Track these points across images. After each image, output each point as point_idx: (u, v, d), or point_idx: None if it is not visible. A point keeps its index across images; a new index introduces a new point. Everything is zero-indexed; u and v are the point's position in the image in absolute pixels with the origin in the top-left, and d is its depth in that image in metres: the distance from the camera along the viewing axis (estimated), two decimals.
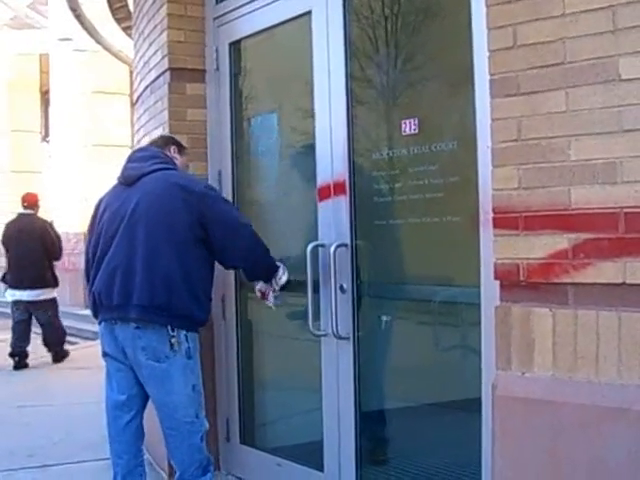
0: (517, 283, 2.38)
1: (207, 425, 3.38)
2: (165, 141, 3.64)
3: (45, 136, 15.97)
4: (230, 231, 3.27)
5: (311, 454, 3.52)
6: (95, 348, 8.20)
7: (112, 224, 3.29)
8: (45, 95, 15.76)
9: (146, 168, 3.33)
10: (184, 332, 3.20)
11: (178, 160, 3.56)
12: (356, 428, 3.27)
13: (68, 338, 8.98)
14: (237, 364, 4.03)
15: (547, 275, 2.31)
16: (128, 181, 3.36)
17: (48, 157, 15.05)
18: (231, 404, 4.06)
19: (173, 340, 3.17)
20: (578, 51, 2.22)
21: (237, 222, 3.30)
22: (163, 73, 4.18)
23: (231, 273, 3.97)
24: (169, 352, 3.17)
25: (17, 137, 15.53)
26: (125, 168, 3.44)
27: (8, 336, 8.41)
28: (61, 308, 8.73)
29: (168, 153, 3.53)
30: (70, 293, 12.02)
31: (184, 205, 3.19)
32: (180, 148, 3.63)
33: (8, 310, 11.88)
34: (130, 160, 3.47)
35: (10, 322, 8.46)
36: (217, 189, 3.52)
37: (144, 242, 3.18)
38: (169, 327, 3.16)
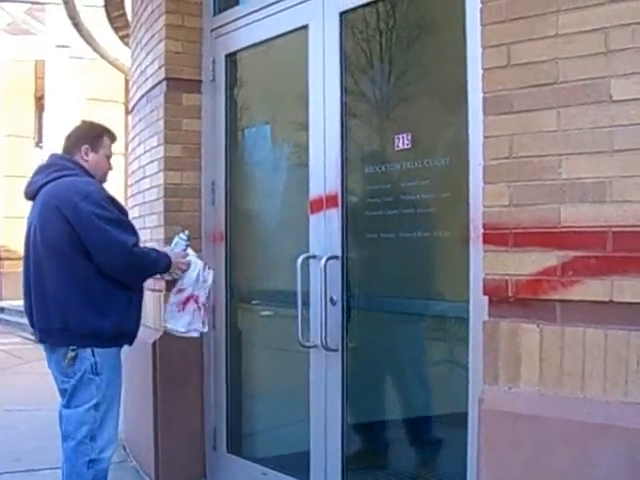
0: (505, 299, 2.40)
1: (107, 456, 3.11)
2: (75, 140, 3.34)
3: (38, 141, 15.95)
4: (100, 247, 3.03)
5: (297, 464, 3.53)
6: None
7: (25, 241, 3.25)
8: (40, 101, 15.76)
9: (41, 180, 3.20)
10: (90, 348, 3.07)
11: (89, 161, 3.29)
12: (342, 440, 3.28)
13: None
14: (226, 373, 4.04)
15: (535, 291, 2.33)
16: (28, 197, 3.28)
17: (41, 162, 15.01)
18: (219, 412, 4.06)
19: (70, 355, 3.03)
20: (570, 71, 2.25)
21: (107, 238, 3.03)
22: (159, 83, 4.21)
23: (221, 282, 3.99)
24: (75, 368, 3.06)
25: (11, 142, 15.48)
26: (27, 183, 3.32)
27: (6, 340, 8.45)
28: None
29: (76, 156, 3.29)
30: None
31: (60, 218, 3.03)
32: (94, 144, 3.32)
33: (7, 317, 11.88)
34: (33, 173, 3.33)
35: (7, 328, 8.55)
36: (99, 200, 3.09)
37: (34, 264, 3.14)
38: (70, 345, 3.04)
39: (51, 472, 4.33)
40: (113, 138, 3.46)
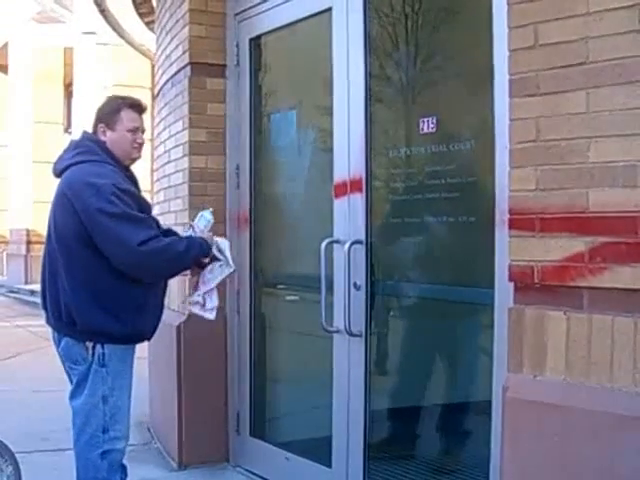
0: (531, 285, 2.35)
1: (120, 447, 2.99)
2: (94, 121, 3.10)
3: (67, 127, 16.09)
4: (105, 245, 2.86)
5: (319, 450, 3.52)
6: None
7: (48, 224, 3.08)
8: (68, 88, 15.90)
9: (65, 162, 3.04)
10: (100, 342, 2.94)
11: (107, 142, 3.05)
12: (365, 425, 3.26)
13: None
14: (249, 357, 4.04)
15: (562, 278, 2.27)
16: (55, 174, 3.11)
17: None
18: (242, 397, 4.07)
19: (88, 344, 2.92)
20: (601, 51, 2.17)
21: (109, 235, 2.84)
22: (184, 67, 4.20)
23: (246, 266, 3.98)
24: (86, 354, 2.93)
25: (40, 128, 15.67)
26: (57, 158, 3.14)
27: (35, 322, 8.62)
28: None
29: (98, 136, 3.07)
30: None
31: (71, 212, 2.88)
32: (110, 122, 3.05)
33: (36, 300, 12.10)
34: (65, 149, 3.14)
35: (36, 310, 8.75)
36: (108, 195, 2.85)
37: (49, 253, 3.01)
38: (80, 339, 2.94)
39: None
40: (137, 109, 3.11)
